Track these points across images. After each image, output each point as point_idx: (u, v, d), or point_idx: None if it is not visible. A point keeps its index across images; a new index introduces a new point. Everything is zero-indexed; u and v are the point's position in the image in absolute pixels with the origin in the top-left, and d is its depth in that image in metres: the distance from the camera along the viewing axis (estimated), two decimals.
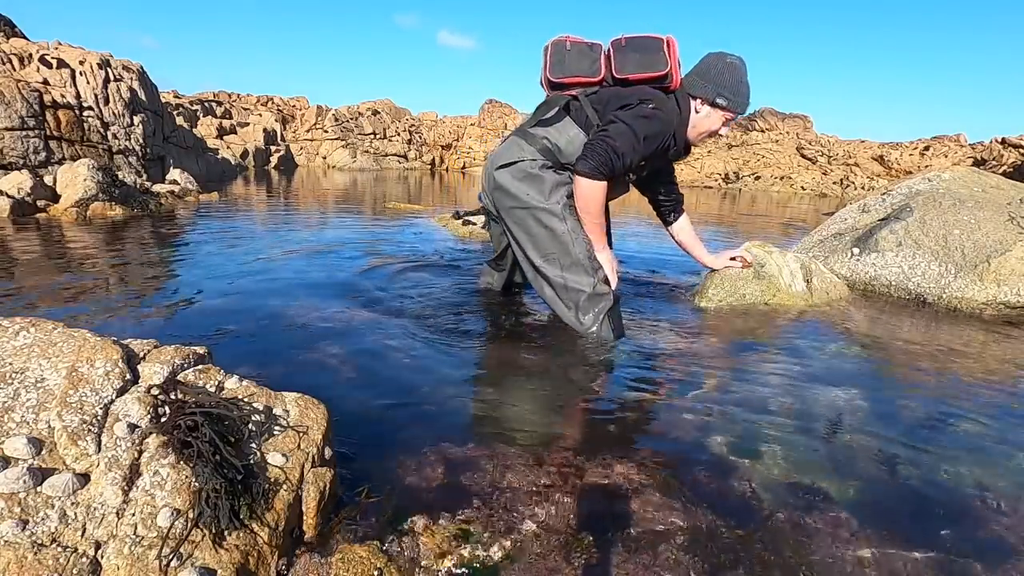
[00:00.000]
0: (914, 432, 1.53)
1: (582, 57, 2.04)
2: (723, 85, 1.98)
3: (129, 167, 5.97)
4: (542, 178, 2.01)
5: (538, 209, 2.00)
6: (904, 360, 2.11)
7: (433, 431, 1.40)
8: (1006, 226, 3.07)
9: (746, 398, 1.67)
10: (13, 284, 2.44)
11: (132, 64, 6.71)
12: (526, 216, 2.03)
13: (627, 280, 3.16)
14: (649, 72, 1.99)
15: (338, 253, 3.47)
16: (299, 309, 2.26)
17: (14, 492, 0.79)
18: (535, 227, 2.03)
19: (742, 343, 2.18)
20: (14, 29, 8.46)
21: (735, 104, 1.99)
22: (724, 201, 11.74)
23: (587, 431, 1.46)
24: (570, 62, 2.04)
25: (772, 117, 22.38)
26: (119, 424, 0.92)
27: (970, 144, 17.57)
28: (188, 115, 14.98)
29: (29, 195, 4.34)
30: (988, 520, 1.17)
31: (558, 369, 1.86)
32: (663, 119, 1.96)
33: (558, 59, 2.05)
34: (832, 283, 3.01)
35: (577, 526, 1.07)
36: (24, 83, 5.09)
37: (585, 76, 2.04)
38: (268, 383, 1.16)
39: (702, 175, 18.69)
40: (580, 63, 2.04)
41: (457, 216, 4.96)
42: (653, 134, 1.94)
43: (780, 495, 1.21)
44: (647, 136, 1.92)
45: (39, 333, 1.12)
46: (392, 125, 20.93)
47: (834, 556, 1.04)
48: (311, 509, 0.98)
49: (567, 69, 2.04)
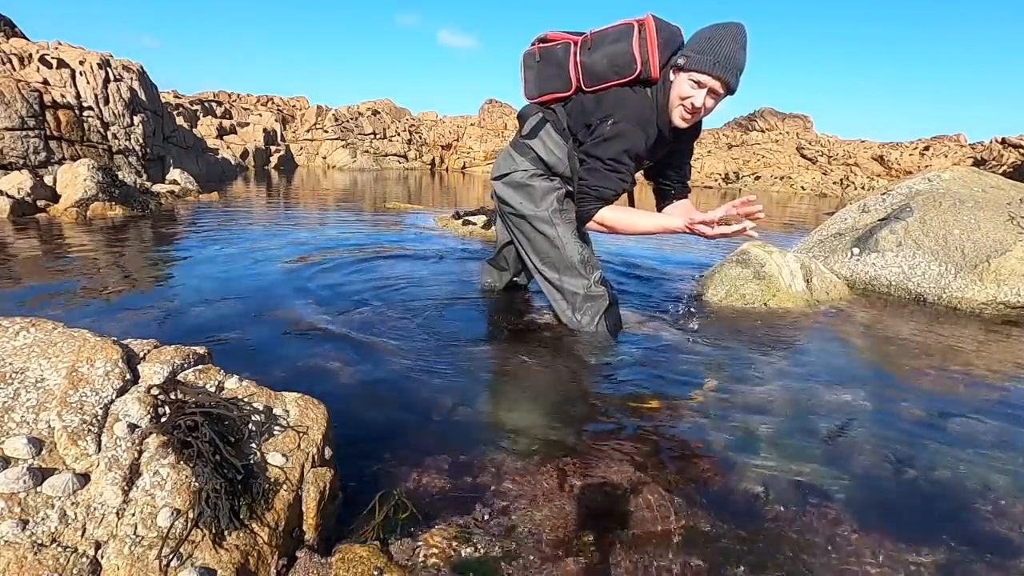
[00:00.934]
0: (914, 431, 1.53)
1: (551, 70, 1.97)
2: (687, 47, 1.79)
3: (129, 167, 5.97)
4: (533, 187, 2.05)
5: (531, 216, 2.06)
6: (904, 360, 2.11)
7: (433, 431, 1.40)
8: (1006, 226, 3.07)
9: (746, 398, 1.67)
10: (13, 284, 2.44)
11: (132, 64, 6.72)
12: (522, 223, 2.11)
13: (627, 279, 3.16)
14: (617, 80, 1.84)
15: (338, 254, 3.47)
16: (299, 309, 2.26)
17: (14, 492, 0.79)
18: (532, 233, 2.10)
19: (742, 343, 2.18)
20: (14, 29, 8.46)
21: (696, 62, 1.71)
22: (724, 201, 11.73)
23: (587, 431, 1.46)
24: (542, 80, 2.00)
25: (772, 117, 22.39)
26: (119, 424, 0.92)
27: (970, 144, 17.59)
28: (188, 115, 14.99)
29: (29, 195, 4.34)
30: (989, 519, 1.17)
31: (558, 369, 1.86)
32: (629, 131, 1.83)
33: (531, 75, 2.03)
34: (832, 283, 3.01)
35: (577, 526, 1.07)
36: (24, 83, 5.09)
37: (558, 93, 1.98)
38: (268, 383, 1.16)
39: (702, 175, 18.70)
40: (551, 81, 1.98)
41: (457, 216, 4.96)
42: (623, 149, 1.85)
43: (780, 494, 1.21)
44: (615, 156, 1.84)
45: (39, 333, 1.12)
46: (392, 125, 20.94)
47: (834, 556, 1.04)
48: (311, 509, 0.98)
49: (541, 87, 2.01)
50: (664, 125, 1.88)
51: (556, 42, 1.99)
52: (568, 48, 1.94)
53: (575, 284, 2.06)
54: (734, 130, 22.38)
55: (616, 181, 1.87)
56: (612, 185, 1.87)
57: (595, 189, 1.88)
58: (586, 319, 2.07)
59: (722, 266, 2.88)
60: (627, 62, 1.82)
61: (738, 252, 2.93)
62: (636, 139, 1.85)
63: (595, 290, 2.06)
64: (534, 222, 2.06)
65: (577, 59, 1.90)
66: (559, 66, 1.95)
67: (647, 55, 1.80)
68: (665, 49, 1.83)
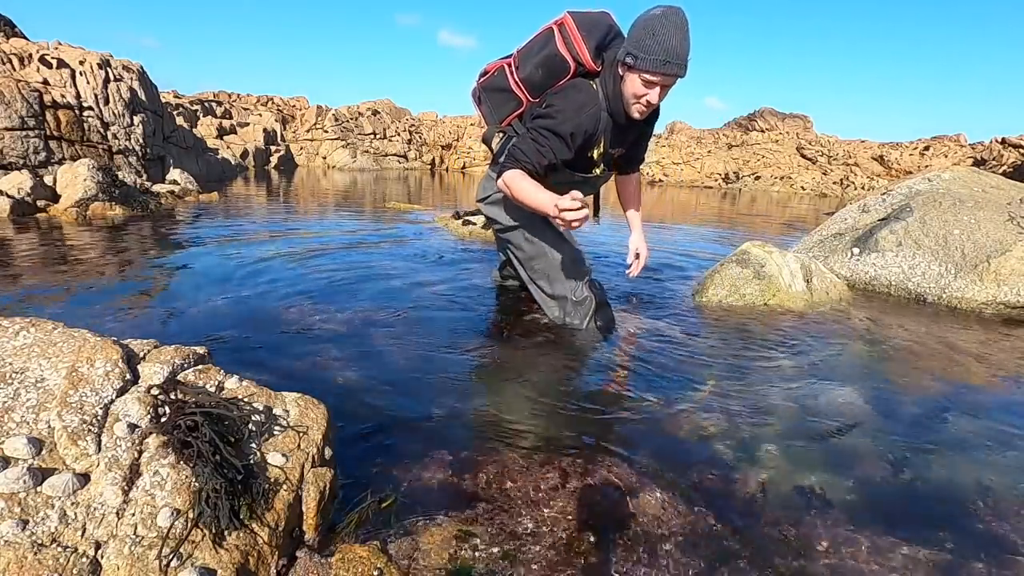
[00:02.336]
0: (914, 431, 1.53)
1: (499, 97, 2.05)
2: (631, 42, 1.78)
3: (129, 167, 5.97)
4: (509, 202, 2.11)
5: (515, 228, 2.18)
6: (904, 360, 2.11)
7: (433, 431, 1.40)
8: (1006, 226, 3.07)
9: (746, 398, 1.67)
10: (13, 284, 2.44)
11: (132, 64, 6.71)
12: (512, 234, 2.21)
13: (628, 279, 3.16)
14: (555, 82, 1.91)
15: (338, 253, 3.47)
16: (299, 309, 2.26)
17: (14, 492, 0.79)
18: (521, 243, 2.20)
19: (742, 343, 2.18)
20: (14, 29, 8.46)
21: (645, 62, 1.72)
22: (724, 201, 11.74)
23: (587, 431, 1.46)
24: (496, 108, 2.08)
25: (772, 117, 22.40)
26: (119, 424, 0.92)
27: (970, 144, 17.59)
28: (188, 115, 14.98)
29: (29, 195, 4.34)
30: (988, 519, 1.17)
31: (558, 369, 1.86)
32: (561, 112, 1.85)
33: (485, 109, 2.12)
34: (832, 283, 3.01)
35: (577, 526, 1.07)
36: (24, 83, 5.09)
37: (513, 112, 2.06)
38: (268, 383, 1.16)
39: (702, 175, 18.70)
40: (504, 106, 2.05)
41: (457, 216, 4.96)
42: (548, 127, 1.85)
43: (780, 494, 1.21)
44: (538, 127, 1.87)
45: (39, 333, 1.12)
46: (392, 125, 20.93)
47: (834, 556, 1.04)
48: (311, 509, 0.98)
49: (499, 114, 2.08)
50: (619, 114, 1.90)
51: (492, 71, 2.09)
52: (503, 71, 2.03)
53: (563, 289, 2.18)
54: (734, 130, 22.37)
55: (533, 150, 1.86)
56: (528, 150, 1.86)
57: (514, 149, 1.90)
58: (576, 321, 2.20)
59: (722, 266, 2.88)
60: (559, 64, 1.88)
61: (738, 252, 2.93)
62: (567, 121, 1.85)
63: (580, 294, 2.18)
64: (519, 232, 2.17)
65: (516, 77, 1.99)
66: (504, 90, 2.04)
67: (576, 51, 1.86)
68: (591, 38, 1.87)
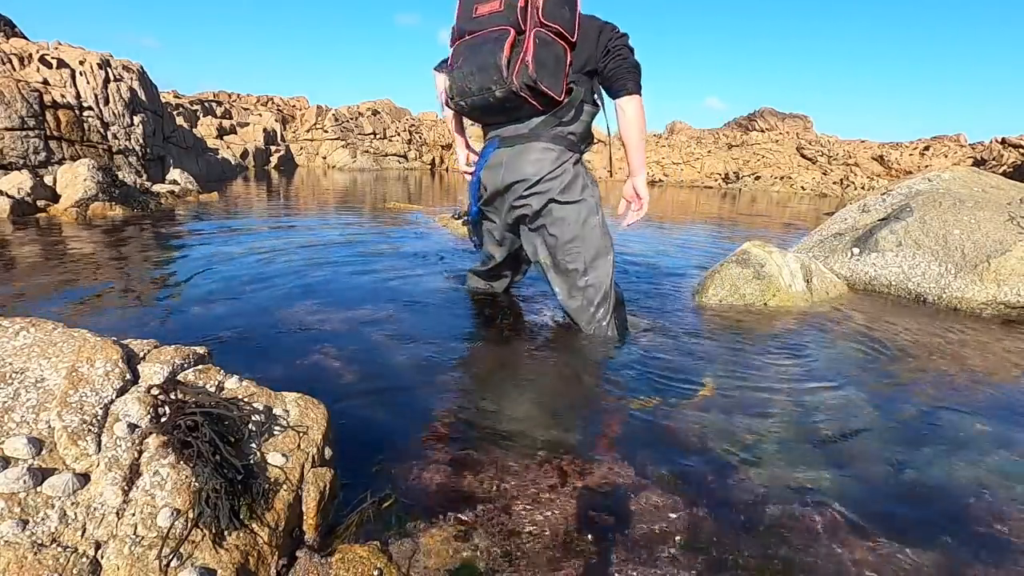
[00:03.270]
0: (914, 431, 1.53)
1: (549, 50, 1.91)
2: None
3: (129, 167, 5.96)
4: (583, 169, 2.07)
5: (577, 202, 1.98)
6: (904, 360, 2.11)
7: (434, 431, 1.40)
8: (1006, 226, 3.07)
9: (746, 398, 1.67)
10: (13, 284, 2.44)
11: (132, 64, 6.71)
12: (565, 210, 1.99)
13: (628, 279, 3.16)
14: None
15: (338, 253, 3.47)
16: (299, 309, 2.26)
17: (14, 492, 0.79)
18: (573, 218, 1.98)
19: (742, 343, 2.18)
20: (14, 29, 8.47)
21: None
22: (724, 201, 11.74)
23: (587, 431, 1.46)
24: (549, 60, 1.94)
25: (772, 117, 22.40)
26: (119, 424, 0.92)
27: (970, 144, 17.58)
28: (188, 115, 14.96)
29: (29, 195, 4.34)
30: (988, 519, 1.17)
31: (558, 369, 1.86)
32: None
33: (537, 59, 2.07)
34: (832, 283, 3.01)
35: (577, 526, 1.07)
36: (24, 83, 5.09)
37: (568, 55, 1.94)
38: (268, 383, 1.16)
39: (702, 175, 18.70)
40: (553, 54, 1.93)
41: (457, 216, 4.96)
42: None
43: (780, 495, 1.21)
44: None
45: (39, 333, 1.12)
46: (392, 125, 20.91)
47: (834, 556, 1.04)
48: (311, 509, 0.98)
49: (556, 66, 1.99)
50: None
51: None
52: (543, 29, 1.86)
53: (596, 279, 2.00)
54: (734, 130, 22.37)
55: None
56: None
57: (636, 69, 1.81)
58: (599, 314, 2.04)
59: (722, 266, 2.88)
60: None
61: (738, 252, 2.93)
62: None
63: (609, 287, 2.03)
64: (583, 207, 1.98)
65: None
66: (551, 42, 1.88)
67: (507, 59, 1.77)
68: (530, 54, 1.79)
